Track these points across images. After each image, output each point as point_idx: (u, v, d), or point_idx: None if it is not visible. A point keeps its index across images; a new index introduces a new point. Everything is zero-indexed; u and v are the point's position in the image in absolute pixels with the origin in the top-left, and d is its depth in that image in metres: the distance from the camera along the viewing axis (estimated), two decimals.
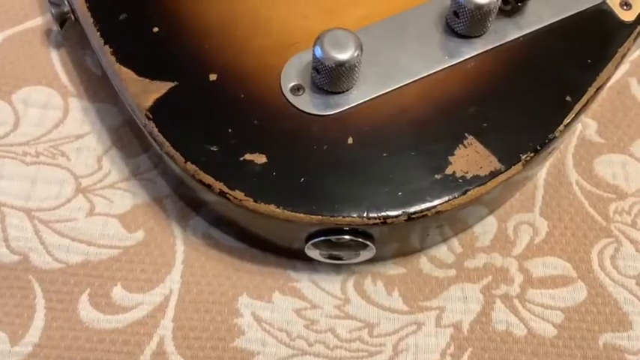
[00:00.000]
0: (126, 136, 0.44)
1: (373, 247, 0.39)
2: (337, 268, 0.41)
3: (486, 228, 0.43)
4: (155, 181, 0.43)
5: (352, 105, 0.40)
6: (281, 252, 0.42)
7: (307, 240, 0.39)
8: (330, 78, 0.39)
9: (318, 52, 0.38)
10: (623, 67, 0.49)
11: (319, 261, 0.40)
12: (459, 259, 0.42)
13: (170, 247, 0.41)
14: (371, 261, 0.41)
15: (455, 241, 0.42)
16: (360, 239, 0.38)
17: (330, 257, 0.40)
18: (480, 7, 0.40)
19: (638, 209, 0.43)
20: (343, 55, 0.38)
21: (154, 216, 0.42)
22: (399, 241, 0.42)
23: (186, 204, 0.43)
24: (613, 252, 0.42)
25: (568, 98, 0.41)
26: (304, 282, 0.41)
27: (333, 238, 0.38)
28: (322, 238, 0.38)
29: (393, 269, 0.41)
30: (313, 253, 0.40)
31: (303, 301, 0.40)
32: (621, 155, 0.45)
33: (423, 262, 0.42)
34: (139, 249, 0.41)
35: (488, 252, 0.42)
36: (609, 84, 0.48)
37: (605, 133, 0.46)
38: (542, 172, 0.45)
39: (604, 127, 0.46)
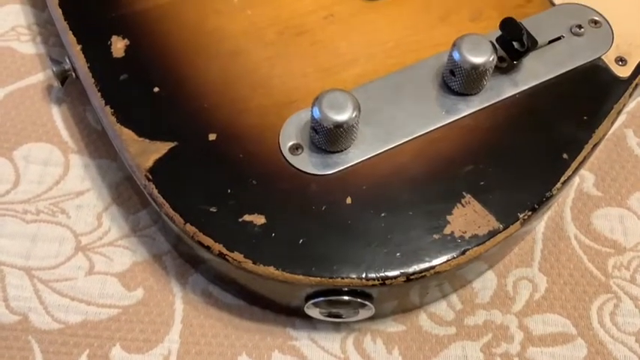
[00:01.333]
0: (126, 192, 0.45)
1: (372, 306, 0.39)
2: (337, 326, 0.41)
3: (486, 284, 0.43)
4: (154, 237, 0.43)
5: (350, 164, 0.40)
6: (280, 310, 0.42)
7: (307, 299, 0.39)
8: (328, 138, 0.39)
9: (317, 113, 0.39)
10: (620, 118, 0.49)
11: (319, 319, 0.40)
12: (458, 316, 0.42)
13: (169, 305, 0.41)
14: (371, 318, 0.41)
15: (454, 297, 0.42)
16: (358, 299, 0.38)
17: (330, 315, 0.40)
18: (475, 66, 0.41)
19: (636, 264, 0.43)
20: (341, 117, 0.38)
21: (154, 273, 0.42)
22: (399, 299, 0.42)
23: (185, 261, 0.43)
24: (612, 308, 0.42)
25: (565, 155, 0.41)
26: (304, 340, 0.41)
27: (332, 298, 0.38)
28: (322, 298, 0.38)
29: (393, 327, 0.41)
30: (313, 312, 0.40)
31: None
32: (619, 209, 0.45)
33: (423, 319, 0.42)
34: (138, 308, 0.41)
35: (488, 309, 0.42)
36: (607, 136, 0.48)
37: (603, 186, 0.46)
38: (540, 226, 0.45)
39: (601, 180, 0.46)
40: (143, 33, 0.45)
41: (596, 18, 0.46)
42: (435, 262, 0.38)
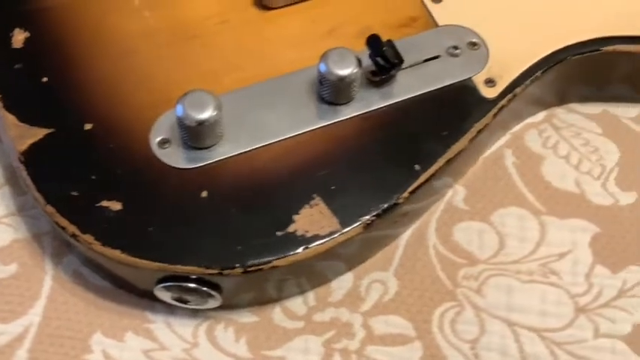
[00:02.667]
0: None
1: (219, 296, 0.41)
2: (194, 313, 0.44)
3: (342, 284, 0.45)
4: (38, 218, 0.46)
5: (213, 161, 0.43)
6: (142, 294, 0.45)
7: (157, 283, 0.42)
8: (190, 135, 0.42)
9: (180, 110, 0.41)
10: (504, 138, 0.51)
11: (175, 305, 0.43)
12: (309, 311, 0.44)
13: (39, 281, 0.44)
14: (228, 308, 0.44)
15: (311, 295, 0.45)
16: (204, 288, 0.41)
17: (180, 300, 0.42)
18: (340, 78, 0.43)
19: (485, 276, 0.45)
20: (201, 115, 0.41)
21: (31, 251, 0.45)
22: (251, 292, 0.44)
23: (61, 242, 0.46)
24: (454, 315, 0.44)
25: (417, 167, 0.43)
26: (159, 324, 0.43)
27: (178, 283, 0.41)
28: (170, 283, 0.41)
29: (247, 317, 0.44)
30: (163, 295, 0.42)
31: (153, 342, 0.43)
32: (481, 223, 0.47)
33: (277, 312, 0.44)
34: (9, 282, 0.44)
35: (338, 307, 0.44)
36: (487, 154, 0.51)
37: (471, 201, 0.48)
38: (406, 234, 0.47)
39: (471, 195, 0.48)
40: (45, 27, 0.48)
41: (475, 40, 0.48)
42: (273, 257, 0.40)
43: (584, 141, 0.51)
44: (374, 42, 0.43)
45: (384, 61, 0.44)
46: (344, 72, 0.43)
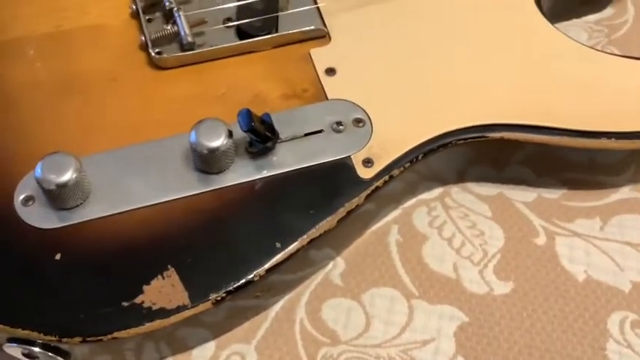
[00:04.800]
0: None
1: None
2: None
3: (204, 352, 0.45)
4: None
5: (73, 222, 0.43)
6: None
7: (7, 340, 0.41)
8: (49, 196, 0.42)
9: (38, 172, 0.41)
10: (395, 212, 0.51)
11: None
12: None
13: None
14: None
15: None
16: (50, 353, 0.41)
17: (30, 357, 0.42)
18: (209, 149, 0.43)
19: (344, 358, 0.44)
20: (60, 178, 0.41)
21: None
22: (107, 355, 0.44)
23: None
24: None
25: (277, 245, 0.43)
26: None
27: (23, 345, 0.41)
28: (15, 344, 0.41)
29: None
30: (13, 351, 0.42)
31: None
32: (351, 301, 0.47)
33: None
34: None
35: None
36: (375, 227, 0.50)
37: (348, 277, 0.48)
38: (279, 304, 0.47)
39: (349, 270, 0.48)
40: None
41: (361, 117, 0.47)
42: (113, 328, 0.40)
43: (471, 223, 0.50)
44: (243, 116, 0.43)
45: (254, 135, 0.44)
46: (212, 144, 0.43)
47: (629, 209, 0.51)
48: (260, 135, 0.44)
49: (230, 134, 0.43)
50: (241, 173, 0.45)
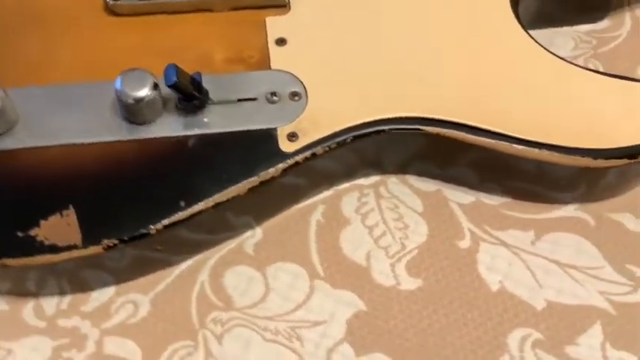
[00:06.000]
0: None
1: None
2: None
3: (101, 296, 0.46)
4: None
5: None
6: None
7: None
8: None
9: None
10: (327, 193, 0.51)
11: None
12: (57, 314, 0.45)
13: None
14: None
15: (68, 299, 0.46)
16: None
17: None
18: (134, 98, 0.44)
19: (232, 324, 0.45)
20: None
21: None
22: (7, 282, 0.45)
23: None
24: (185, 355, 0.44)
25: (182, 203, 0.43)
26: None
27: None
28: None
29: (2, 305, 0.45)
30: None
31: None
32: (255, 271, 0.47)
33: (29, 307, 0.45)
34: None
35: (84, 318, 0.45)
36: (302, 204, 0.50)
37: (260, 248, 0.48)
38: (187, 263, 0.47)
39: (264, 242, 0.48)
40: None
41: (298, 91, 0.47)
42: (3, 255, 0.41)
43: (398, 216, 0.50)
44: (168, 72, 0.44)
45: (177, 92, 0.44)
46: (136, 94, 0.44)
47: (568, 228, 0.50)
48: (183, 92, 0.44)
49: (155, 87, 0.44)
50: (165, 128, 0.46)
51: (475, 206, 0.50)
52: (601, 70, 0.56)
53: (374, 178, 0.51)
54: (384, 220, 0.49)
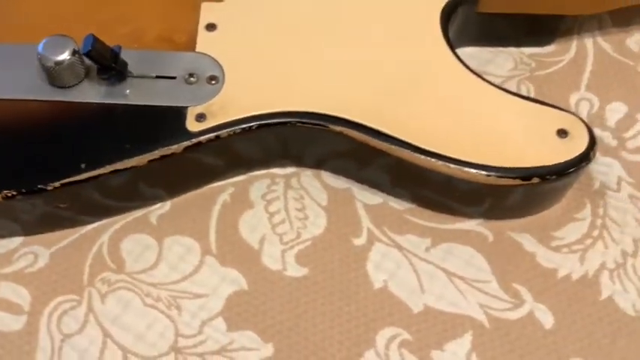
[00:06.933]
0: None
1: None
2: None
3: (8, 244, 0.49)
4: None
5: None
6: None
7: None
8: None
9: None
10: (242, 177, 0.53)
11: None
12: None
13: None
14: None
15: None
16: None
17: None
18: (54, 61, 0.47)
19: (117, 286, 0.48)
20: None
21: None
22: None
23: None
24: (68, 308, 0.47)
25: (82, 166, 0.46)
26: None
27: None
28: None
29: None
30: None
31: None
32: (152, 240, 0.50)
33: None
34: None
35: None
36: (215, 185, 0.53)
37: (164, 219, 0.50)
38: (92, 225, 0.50)
39: (169, 214, 0.51)
40: None
41: (217, 75, 0.50)
42: None
43: (301, 206, 0.52)
44: (85, 41, 0.46)
45: (92, 61, 0.47)
46: (55, 57, 0.47)
47: (466, 241, 0.51)
48: (98, 62, 0.47)
49: (75, 53, 0.47)
50: (83, 94, 0.49)
51: (381, 208, 0.52)
52: (532, 93, 0.57)
53: (290, 170, 0.53)
54: (287, 208, 0.51)
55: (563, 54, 0.59)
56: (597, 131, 0.54)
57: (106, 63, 0.47)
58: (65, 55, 0.47)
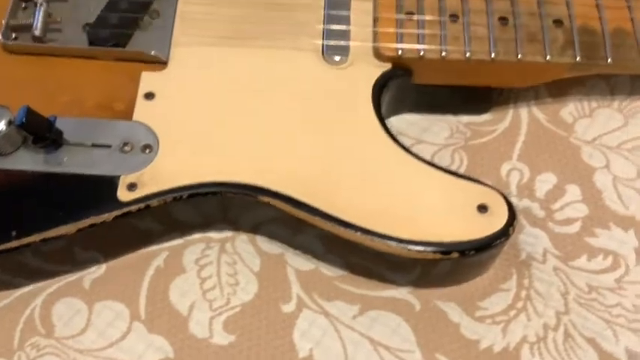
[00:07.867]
0: None
1: None
2: None
3: None
4: None
5: None
6: None
7: None
8: None
9: None
10: (178, 241, 0.54)
11: None
12: None
13: None
14: None
15: None
16: None
17: None
18: None
19: (46, 351, 0.49)
20: None
21: None
22: None
23: None
24: None
25: (13, 233, 0.47)
26: None
27: None
28: None
29: None
30: None
31: None
32: (83, 305, 0.51)
33: None
34: None
35: None
36: (150, 249, 0.54)
37: (97, 283, 0.51)
38: (27, 288, 0.51)
39: (103, 278, 0.52)
40: None
41: (151, 144, 0.51)
42: None
43: (233, 271, 0.53)
44: (20, 113, 0.48)
45: (25, 131, 0.48)
46: None
47: (393, 309, 0.52)
48: (31, 132, 0.48)
49: (10, 124, 0.48)
50: (18, 161, 0.50)
51: (312, 274, 0.53)
52: (465, 162, 0.58)
53: (226, 234, 0.55)
54: (219, 274, 0.53)
55: (498, 123, 0.61)
56: (526, 202, 0.56)
57: (41, 133, 0.49)
58: (1, 126, 0.48)
